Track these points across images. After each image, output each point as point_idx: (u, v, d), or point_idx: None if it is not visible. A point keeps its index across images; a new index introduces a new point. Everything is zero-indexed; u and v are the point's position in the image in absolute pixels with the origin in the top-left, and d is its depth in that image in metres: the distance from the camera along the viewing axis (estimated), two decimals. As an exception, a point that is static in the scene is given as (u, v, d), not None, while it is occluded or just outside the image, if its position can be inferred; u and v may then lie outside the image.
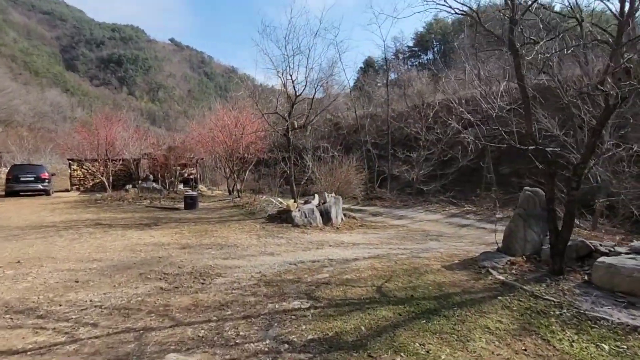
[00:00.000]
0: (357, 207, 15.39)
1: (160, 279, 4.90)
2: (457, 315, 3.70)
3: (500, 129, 4.49)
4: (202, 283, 4.73)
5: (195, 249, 6.63)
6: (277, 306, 3.88)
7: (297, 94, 10.30)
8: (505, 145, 4.71)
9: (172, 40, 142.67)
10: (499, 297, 4.19)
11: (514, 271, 5.07)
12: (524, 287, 4.41)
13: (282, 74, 10.17)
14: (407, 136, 21.58)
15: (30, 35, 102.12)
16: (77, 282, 4.67)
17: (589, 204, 11.17)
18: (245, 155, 15.34)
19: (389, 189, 18.57)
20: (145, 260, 5.83)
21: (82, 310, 3.78)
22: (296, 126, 10.81)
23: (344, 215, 11.29)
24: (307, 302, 4.00)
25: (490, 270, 5.14)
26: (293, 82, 10.12)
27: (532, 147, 4.44)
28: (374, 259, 6.20)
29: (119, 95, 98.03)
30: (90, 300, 4.05)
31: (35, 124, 55.41)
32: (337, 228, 9.77)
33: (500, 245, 6.13)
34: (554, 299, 4.04)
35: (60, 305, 3.92)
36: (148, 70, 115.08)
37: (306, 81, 10.28)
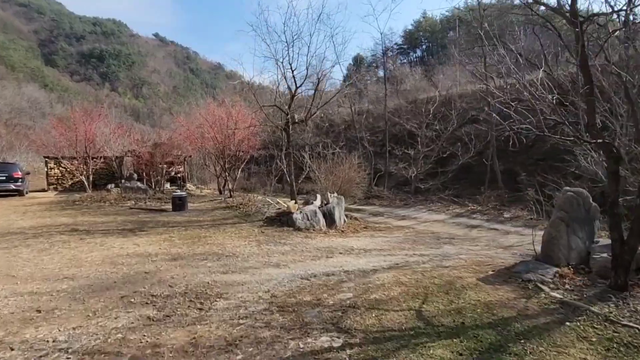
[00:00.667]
0: (355, 207, 14.58)
1: (147, 303, 3.94)
2: (531, 353, 2.90)
3: (564, 119, 3.70)
4: (200, 309, 3.80)
5: (188, 261, 5.67)
6: (300, 344, 3.00)
7: (297, 84, 9.39)
8: (571, 138, 3.93)
9: (156, 35, 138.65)
10: (567, 323, 3.41)
11: (567, 286, 4.32)
12: (592, 308, 3.66)
13: (282, 62, 9.22)
14: (401, 132, 20.92)
15: (7, 28, 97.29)
16: (39, 311, 3.67)
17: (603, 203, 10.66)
18: (238, 152, 14.30)
19: (386, 187, 17.84)
20: (129, 276, 4.84)
21: (40, 356, 2.81)
22: (296, 120, 9.89)
23: (346, 216, 10.46)
24: (337, 337, 3.13)
25: (540, 285, 4.38)
26: (293, 71, 9.20)
27: (600, 141, 3.67)
28: (396, 270, 5.38)
29: (101, 91, 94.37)
30: (54, 340, 3.07)
31: (11, 120, 52.57)
32: (342, 231, 8.93)
33: (538, 252, 5.40)
34: (637, 326, 3.29)
35: (12, 349, 2.93)
36: (131, 65, 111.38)
37: (307, 71, 9.36)
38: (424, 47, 58.96)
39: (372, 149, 19.12)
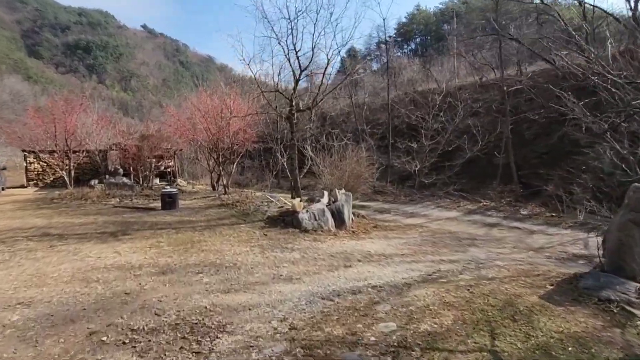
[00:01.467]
0: (358, 203, 13.56)
1: (123, 343, 2.89)
2: None
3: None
4: (197, 352, 2.78)
5: (180, 275, 4.61)
6: (351, 423, 2.00)
7: (302, 68, 8.25)
8: None
9: (144, 27, 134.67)
10: (701, 370, 2.50)
11: (663, 309, 3.43)
12: None
13: (285, 41, 8.08)
14: (400, 125, 20.00)
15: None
16: (-32, 363, 2.60)
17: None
18: (233, 144, 13.13)
19: (388, 182, 16.92)
20: (103, 300, 3.77)
21: None
22: (301, 107, 8.80)
23: (352, 214, 9.50)
24: (401, 407, 2.14)
25: (627, 307, 3.47)
26: (297, 53, 8.07)
27: None
28: (433, 284, 4.43)
29: (88, 84, 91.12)
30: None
31: (-8, 113, 50.16)
32: (353, 232, 7.95)
33: (601, 259, 4.50)
34: None
35: None
36: (119, 57, 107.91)
37: (312, 52, 8.24)
38: (417, 40, 58.01)
39: (373, 142, 18.13)
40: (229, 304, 3.71)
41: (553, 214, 10.00)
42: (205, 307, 3.61)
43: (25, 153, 16.88)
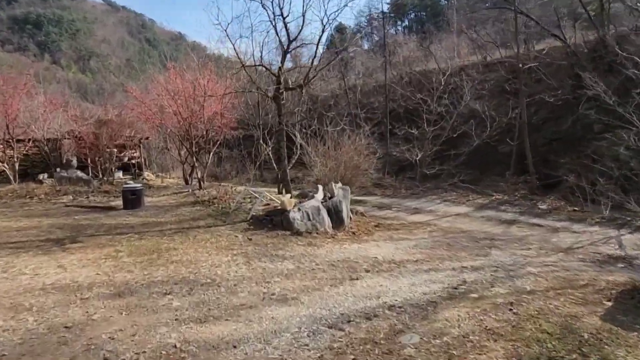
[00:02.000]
0: (354, 198, 12.97)
1: (54, 412, 2.19)
2: None
3: None
4: None
5: (142, 297, 3.89)
6: None
7: (291, 38, 7.46)
8: None
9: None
10: None
11: None
12: None
13: (271, 3, 7.23)
14: (396, 110, 19.45)
15: None
16: None
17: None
18: (208, 131, 12.27)
19: (387, 173, 16.41)
20: (33, 339, 3.04)
21: None
22: (290, 85, 8.05)
23: (350, 210, 8.93)
24: None
25: None
26: (284, 19, 7.25)
27: None
28: (463, 301, 3.89)
29: (40, 64, 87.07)
30: None
31: None
32: (353, 233, 7.37)
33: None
34: None
35: None
36: (75, 34, 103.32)
37: (303, 18, 7.43)
38: (412, 15, 57.45)
39: (369, 129, 17.54)
40: (206, 340, 3.04)
41: (575, 209, 9.66)
42: (175, 346, 2.93)
43: (-40, 144, 15.54)
